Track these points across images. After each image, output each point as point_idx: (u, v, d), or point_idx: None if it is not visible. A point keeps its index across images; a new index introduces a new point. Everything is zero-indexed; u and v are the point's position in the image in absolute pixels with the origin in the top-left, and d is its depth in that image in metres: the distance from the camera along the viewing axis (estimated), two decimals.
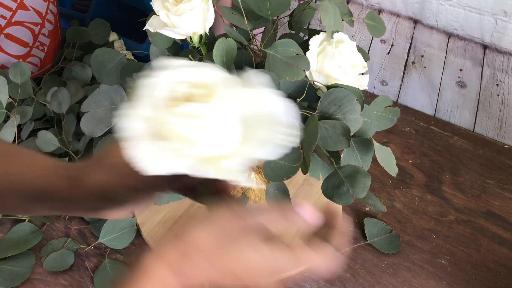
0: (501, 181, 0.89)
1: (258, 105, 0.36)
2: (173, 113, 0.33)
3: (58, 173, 0.44)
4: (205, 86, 0.34)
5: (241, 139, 0.35)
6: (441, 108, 1.04)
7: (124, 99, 0.73)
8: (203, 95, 0.34)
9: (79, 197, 0.42)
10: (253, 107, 0.35)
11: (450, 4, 0.93)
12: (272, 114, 0.35)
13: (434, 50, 1.00)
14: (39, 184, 0.43)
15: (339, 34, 0.61)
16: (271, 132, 0.35)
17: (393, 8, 1.00)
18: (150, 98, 0.33)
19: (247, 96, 0.36)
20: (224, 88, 0.34)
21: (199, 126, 0.33)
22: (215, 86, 0.34)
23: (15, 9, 0.89)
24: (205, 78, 0.35)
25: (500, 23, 0.90)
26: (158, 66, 0.35)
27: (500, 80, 0.95)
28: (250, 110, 0.35)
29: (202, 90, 0.34)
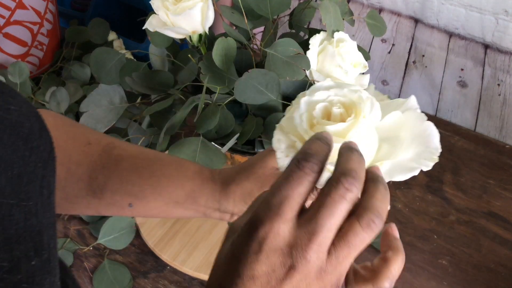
0: (502, 181, 0.88)
1: (408, 128, 0.37)
2: (320, 127, 0.34)
3: (209, 177, 0.47)
4: (352, 106, 0.36)
5: (378, 158, 0.36)
6: (442, 108, 1.04)
7: (123, 99, 0.73)
8: (349, 114, 0.35)
9: (226, 201, 0.46)
10: (403, 131, 0.37)
11: (451, 4, 0.93)
12: (421, 137, 0.36)
13: (435, 49, 0.99)
14: (188, 189, 0.46)
15: (340, 33, 0.61)
16: (416, 155, 0.36)
17: (394, 7, 1.00)
18: (301, 116, 0.35)
19: (398, 120, 0.37)
20: (370, 108, 0.35)
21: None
22: (361, 106, 0.35)
23: (14, 8, 0.88)
24: (351, 98, 0.36)
25: (502, 22, 0.89)
26: (312, 88, 0.37)
27: (501, 80, 0.95)
28: (399, 134, 0.37)
29: (347, 110, 0.36)
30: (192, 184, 0.47)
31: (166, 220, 0.78)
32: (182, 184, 0.47)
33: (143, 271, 0.73)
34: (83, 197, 0.48)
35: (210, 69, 0.61)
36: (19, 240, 0.27)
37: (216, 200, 0.47)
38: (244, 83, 0.58)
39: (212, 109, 0.60)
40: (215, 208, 0.47)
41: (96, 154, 0.48)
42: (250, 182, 0.45)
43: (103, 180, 0.47)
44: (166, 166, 0.48)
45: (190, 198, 0.47)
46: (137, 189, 0.47)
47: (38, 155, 0.31)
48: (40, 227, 0.29)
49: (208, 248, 0.75)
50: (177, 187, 0.47)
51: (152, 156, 0.50)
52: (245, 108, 0.67)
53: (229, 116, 0.61)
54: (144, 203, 0.48)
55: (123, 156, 0.49)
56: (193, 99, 0.62)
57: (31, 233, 0.28)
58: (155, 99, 0.72)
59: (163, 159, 0.49)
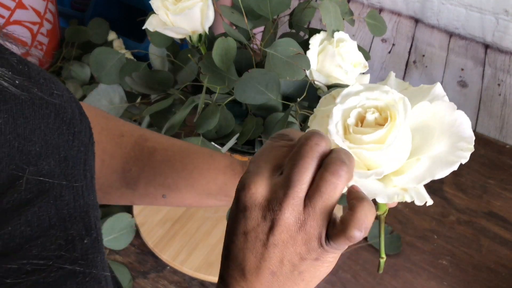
0: (502, 181, 0.88)
1: (438, 118, 0.36)
2: (358, 141, 0.34)
3: (240, 171, 0.48)
4: (385, 109, 0.35)
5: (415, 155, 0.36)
6: None
7: (123, 99, 0.73)
8: (383, 118, 0.35)
9: None
10: (432, 121, 0.36)
11: (451, 3, 0.93)
12: (452, 127, 0.36)
13: (435, 49, 0.99)
14: (220, 182, 0.48)
15: (340, 33, 0.61)
16: (451, 147, 0.36)
17: (394, 7, 1.00)
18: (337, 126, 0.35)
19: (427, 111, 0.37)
20: (404, 109, 0.34)
21: (382, 152, 0.34)
22: (395, 107, 0.35)
23: (14, 8, 0.88)
24: (383, 100, 0.35)
25: (502, 22, 0.89)
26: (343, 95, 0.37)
27: (501, 80, 0.95)
28: (428, 124, 0.36)
29: (381, 114, 0.35)
30: (224, 178, 0.48)
31: (166, 220, 0.78)
32: (214, 177, 0.48)
33: (143, 271, 0.73)
34: (117, 188, 0.49)
35: (210, 69, 0.61)
36: (71, 219, 0.29)
37: None
38: (244, 83, 0.58)
39: (212, 109, 0.60)
40: None
41: (129, 146, 0.49)
42: None
43: (136, 172, 0.48)
44: (198, 159, 0.49)
45: (222, 191, 0.48)
46: (170, 181, 0.48)
47: (80, 140, 0.32)
48: (87, 208, 0.31)
49: (208, 248, 0.75)
50: (210, 180, 0.48)
51: (184, 148, 0.51)
52: (245, 108, 0.67)
53: (229, 116, 0.61)
54: (177, 194, 0.49)
55: (156, 148, 0.49)
56: (193, 99, 0.62)
57: (81, 213, 0.30)
58: (155, 99, 0.72)
59: (195, 152, 0.51)
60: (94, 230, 0.31)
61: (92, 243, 0.30)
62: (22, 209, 0.27)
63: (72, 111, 0.32)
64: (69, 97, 0.33)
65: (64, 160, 0.30)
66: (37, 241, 0.27)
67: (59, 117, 0.31)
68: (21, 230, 0.26)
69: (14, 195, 0.26)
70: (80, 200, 0.30)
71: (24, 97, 0.29)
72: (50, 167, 0.29)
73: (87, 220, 0.30)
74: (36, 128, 0.29)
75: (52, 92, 0.31)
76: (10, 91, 0.28)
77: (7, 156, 0.27)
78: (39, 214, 0.27)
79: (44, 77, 0.31)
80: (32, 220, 0.27)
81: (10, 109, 0.28)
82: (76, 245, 0.29)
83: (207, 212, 0.80)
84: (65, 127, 0.31)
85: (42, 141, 0.29)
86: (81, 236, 0.29)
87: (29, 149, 0.28)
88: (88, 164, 0.33)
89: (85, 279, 0.28)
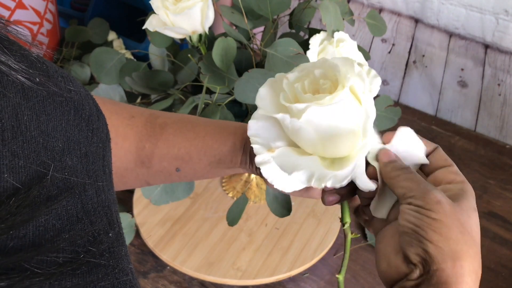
0: (502, 181, 0.88)
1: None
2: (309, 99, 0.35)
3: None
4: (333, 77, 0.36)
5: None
6: (442, 108, 1.04)
7: (123, 99, 0.73)
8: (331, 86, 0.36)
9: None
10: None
11: (451, 3, 0.93)
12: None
13: (435, 49, 0.99)
14: (230, 143, 0.48)
15: (340, 33, 0.61)
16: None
17: (394, 7, 1.00)
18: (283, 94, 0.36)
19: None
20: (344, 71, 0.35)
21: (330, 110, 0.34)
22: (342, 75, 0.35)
23: (14, 8, 0.88)
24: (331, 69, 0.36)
25: (502, 22, 0.89)
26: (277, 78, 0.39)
27: (501, 80, 0.95)
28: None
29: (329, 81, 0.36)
30: (234, 138, 0.49)
31: (166, 220, 0.78)
32: (225, 139, 0.49)
33: (143, 271, 0.73)
34: (132, 169, 0.50)
35: (210, 69, 0.61)
36: (95, 214, 0.30)
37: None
38: (244, 83, 0.58)
39: (212, 109, 0.60)
40: (250, 163, 0.49)
41: (140, 125, 0.50)
42: None
43: (150, 148, 0.49)
44: (209, 126, 0.50)
45: (231, 153, 0.49)
46: (183, 152, 0.49)
47: (98, 136, 0.33)
48: (108, 203, 0.31)
49: (208, 248, 0.75)
50: (221, 143, 0.49)
51: (194, 119, 0.52)
52: (245, 108, 0.67)
53: (229, 116, 0.61)
54: (190, 165, 0.50)
55: (167, 122, 0.50)
56: (193, 99, 0.62)
57: (104, 208, 0.31)
58: (155, 99, 0.72)
59: (207, 121, 0.51)
60: (116, 224, 0.32)
61: (116, 237, 0.31)
62: (51, 202, 0.27)
63: (90, 108, 0.33)
64: (86, 94, 0.34)
65: (85, 156, 0.31)
66: (67, 234, 0.27)
67: (78, 114, 0.31)
68: (52, 223, 0.27)
69: (43, 190, 0.27)
70: (102, 195, 0.31)
71: (46, 94, 0.30)
72: (73, 163, 0.30)
73: (110, 214, 0.31)
74: (58, 124, 0.30)
75: (70, 89, 0.32)
76: (32, 88, 0.29)
77: (33, 152, 0.28)
78: (67, 208, 0.28)
79: (62, 75, 0.32)
80: (62, 213, 0.28)
81: (33, 107, 0.29)
82: (102, 239, 0.29)
83: (207, 212, 0.80)
84: (84, 123, 0.32)
85: (64, 137, 0.30)
86: (106, 230, 0.30)
87: (52, 145, 0.29)
88: (107, 160, 0.34)
89: (114, 271, 0.29)
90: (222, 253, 0.74)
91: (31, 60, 0.31)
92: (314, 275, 0.73)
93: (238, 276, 0.71)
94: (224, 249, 0.75)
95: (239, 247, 0.75)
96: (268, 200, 0.63)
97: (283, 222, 0.78)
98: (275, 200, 0.63)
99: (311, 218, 0.80)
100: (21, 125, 0.28)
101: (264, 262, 0.73)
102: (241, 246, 0.75)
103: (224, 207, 0.80)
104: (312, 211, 0.80)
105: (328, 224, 0.79)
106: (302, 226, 0.78)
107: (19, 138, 0.27)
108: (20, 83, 0.28)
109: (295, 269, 0.72)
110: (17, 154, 0.27)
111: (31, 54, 0.31)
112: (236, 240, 0.76)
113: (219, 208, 0.80)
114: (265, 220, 0.79)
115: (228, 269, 0.72)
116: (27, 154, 0.27)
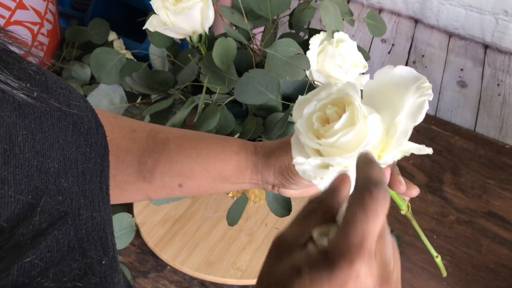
0: (502, 181, 0.88)
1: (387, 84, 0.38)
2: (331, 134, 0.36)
3: (253, 151, 0.49)
4: (339, 99, 0.38)
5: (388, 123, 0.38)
6: (442, 108, 1.04)
7: (123, 99, 0.73)
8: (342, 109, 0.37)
9: (267, 173, 0.48)
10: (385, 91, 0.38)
11: (451, 4, 0.93)
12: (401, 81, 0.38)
13: (435, 49, 0.99)
14: (234, 163, 0.48)
15: (340, 33, 0.61)
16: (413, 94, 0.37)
17: (394, 7, 1.00)
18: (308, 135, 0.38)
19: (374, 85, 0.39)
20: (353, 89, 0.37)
21: (357, 130, 0.36)
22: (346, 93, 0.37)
23: (14, 9, 0.88)
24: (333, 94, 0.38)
25: (501, 22, 0.89)
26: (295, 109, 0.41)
27: (501, 80, 0.95)
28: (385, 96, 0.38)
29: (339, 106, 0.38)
30: (238, 158, 0.49)
31: (166, 220, 0.78)
32: (228, 158, 0.49)
33: (143, 271, 0.73)
34: (134, 183, 0.49)
35: (210, 69, 0.61)
36: (89, 239, 0.28)
37: (259, 172, 0.49)
38: (244, 83, 0.58)
39: (212, 109, 0.60)
40: (258, 180, 0.49)
41: (142, 140, 0.49)
42: (288, 156, 0.47)
43: (152, 164, 0.48)
44: (212, 143, 0.50)
45: (236, 172, 0.49)
46: (186, 168, 0.49)
47: (96, 151, 0.32)
48: (103, 224, 0.30)
49: (208, 248, 0.75)
50: (224, 162, 0.48)
51: (196, 135, 0.51)
52: (245, 108, 0.67)
53: (229, 116, 0.61)
54: (194, 181, 0.49)
55: (169, 138, 0.50)
56: (193, 99, 0.62)
57: (98, 231, 0.29)
58: (155, 99, 0.72)
59: (208, 137, 0.51)
60: (111, 248, 0.30)
61: (110, 263, 0.29)
62: (40, 237, 0.26)
63: (89, 121, 0.32)
64: (86, 106, 0.32)
65: (82, 175, 0.29)
66: (56, 268, 0.26)
67: (76, 129, 0.30)
68: (40, 257, 0.25)
69: (31, 226, 0.25)
70: (97, 217, 0.29)
71: (43, 109, 0.28)
72: (68, 184, 0.28)
73: (104, 238, 0.30)
74: (55, 142, 0.28)
75: (70, 102, 0.30)
76: (29, 104, 0.28)
77: (25, 177, 0.26)
78: (58, 237, 0.26)
79: (61, 87, 0.31)
80: (52, 245, 0.26)
81: (29, 125, 0.27)
82: (94, 270, 0.28)
83: (207, 212, 0.80)
84: (83, 138, 0.30)
85: (60, 156, 0.28)
86: (99, 258, 0.28)
87: (47, 166, 0.27)
88: (104, 175, 0.32)
89: None
90: (222, 253, 0.74)
91: (30, 74, 0.29)
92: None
93: (238, 276, 0.71)
94: (224, 249, 0.75)
95: (239, 247, 0.75)
96: (268, 200, 0.63)
97: (283, 222, 0.79)
98: (275, 200, 0.63)
99: None
100: (14, 147, 0.26)
101: None
102: (241, 246, 0.75)
103: (224, 207, 0.81)
104: None
105: None
106: None
107: (11, 162, 0.26)
108: (17, 101, 0.27)
109: None
110: (8, 181, 0.25)
111: (29, 66, 0.30)
112: (236, 240, 0.76)
113: (219, 208, 0.81)
114: (265, 220, 0.79)
115: (228, 268, 0.72)
116: (19, 180, 0.26)
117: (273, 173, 0.48)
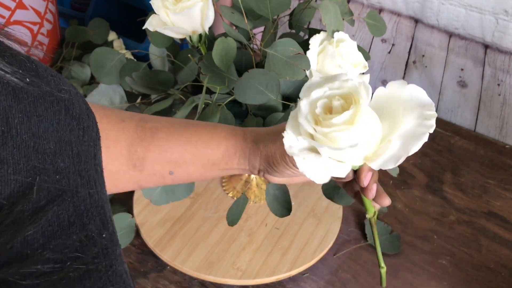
0: (502, 181, 0.88)
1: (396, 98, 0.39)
2: (328, 125, 0.37)
3: (242, 136, 0.50)
4: (348, 95, 0.38)
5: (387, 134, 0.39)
6: (442, 107, 1.04)
7: (123, 99, 0.73)
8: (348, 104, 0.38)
9: (254, 158, 0.49)
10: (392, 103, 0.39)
11: (451, 3, 0.93)
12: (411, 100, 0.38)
13: (435, 49, 0.99)
14: (223, 148, 0.49)
15: (340, 33, 0.61)
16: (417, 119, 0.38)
17: (394, 7, 1.00)
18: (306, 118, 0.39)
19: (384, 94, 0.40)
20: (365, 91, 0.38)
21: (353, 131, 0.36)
22: (357, 91, 0.38)
23: (14, 9, 0.88)
24: (345, 88, 0.39)
25: (501, 22, 0.89)
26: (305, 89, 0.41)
27: (501, 80, 0.95)
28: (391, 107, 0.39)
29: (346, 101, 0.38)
30: (227, 144, 0.49)
31: (166, 220, 0.78)
32: (217, 144, 0.49)
33: (143, 271, 0.73)
34: (125, 172, 0.50)
35: (210, 69, 0.61)
36: (88, 215, 0.29)
37: (246, 157, 0.50)
38: (244, 83, 0.58)
39: (212, 109, 0.60)
40: (246, 164, 0.50)
41: (131, 129, 0.50)
42: (276, 146, 0.48)
43: (142, 152, 0.49)
44: (201, 130, 0.51)
45: (225, 157, 0.50)
46: (176, 156, 0.49)
47: (89, 135, 0.33)
48: (101, 202, 0.31)
49: (208, 248, 0.75)
50: (213, 148, 0.49)
51: (185, 123, 0.52)
52: (245, 108, 0.67)
53: (229, 116, 0.61)
54: (184, 168, 0.50)
55: (158, 127, 0.50)
56: (193, 99, 0.62)
57: (97, 207, 0.30)
58: (155, 99, 0.72)
59: (197, 124, 0.52)
60: (110, 223, 0.31)
61: (110, 237, 0.30)
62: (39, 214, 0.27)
63: (80, 106, 0.33)
64: (76, 92, 0.33)
65: (77, 156, 0.30)
66: (57, 241, 0.27)
67: (69, 113, 0.31)
68: (42, 230, 0.27)
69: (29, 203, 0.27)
70: (95, 195, 0.31)
71: (36, 94, 0.29)
72: (65, 164, 0.29)
73: (103, 214, 0.31)
74: (49, 125, 0.29)
75: (61, 88, 0.31)
76: (23, 89, 0.29)
77: (23, 157, 0.27)
78: (58, 213, 0.28)
79: (51, 74, 0.32)
80: (52, 219, 0.27)
81: (24, 108, 0.28)
82: (96, 241, 0.29)
83: (207, 212, 0.80)
84: (75, 122, 0.31)
85: (55, 138, 0.29)
86: (100, 231, 0.30)
87: (44, 147, 0.28)
88: (98, 158, 0.33)
89: (107, 274, 0.29)
90: (222, 253, 0.74)
91: (20, 60, 0.30)
92: (314, 275, 0.73)
93: (238, 276, 0.71)
94: (224, 249, 0.75)
95: (239, 247, 0.75)
96: (268, 200, 0.63)
97: (283, 222, 0.79)
98: (275, 200, 0.63)
99: (311, 218, 0.80)
100: (11, 129, 0.27)
101: (264, 262, 0.73)
102: (241, 246, 0.75)
103: (224, 207, 0.81)
104: (312, 211, 0.81)
105: (328, 224, 0.79)
106: (302, 226, 0.78)
107: (9, 143, 0.27)
108: (11, 85, 0.28)
109: (295, 269, 0.72)
110: (7, 161, 0.26)
111: (20, 53, 0.31)
112: (236, 240, 0.76)
113: (219, 208, 0.81)
114: (265, 220, 0.79)
115: (228, 269, 0.72)
116: (17, 160, 0.27)
117: (259, 158, 0.49)
